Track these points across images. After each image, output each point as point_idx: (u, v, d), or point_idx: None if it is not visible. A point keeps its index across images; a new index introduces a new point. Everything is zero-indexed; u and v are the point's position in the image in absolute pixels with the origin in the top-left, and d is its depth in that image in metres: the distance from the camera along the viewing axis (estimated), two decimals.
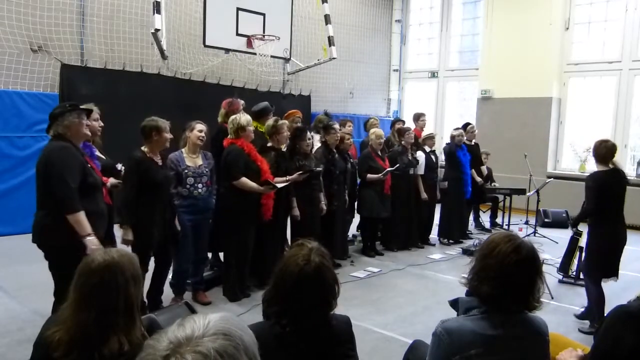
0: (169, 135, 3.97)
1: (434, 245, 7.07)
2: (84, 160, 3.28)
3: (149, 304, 4.01)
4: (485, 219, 8.49)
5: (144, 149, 3.90)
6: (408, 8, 12.58)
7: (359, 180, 6.35)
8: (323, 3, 8.93)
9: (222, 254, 5.10)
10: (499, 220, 8.40)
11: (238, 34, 7.93)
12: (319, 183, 5.44)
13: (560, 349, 2.14)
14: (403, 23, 12.53)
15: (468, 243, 7.01)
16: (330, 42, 8.86)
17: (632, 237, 8.21)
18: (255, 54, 8.10)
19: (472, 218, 8.11)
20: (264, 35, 8.08)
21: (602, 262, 4.17)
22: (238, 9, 7.87)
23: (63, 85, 7.17)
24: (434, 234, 7.31)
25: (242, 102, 5.36)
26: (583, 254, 4.77)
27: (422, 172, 6.79)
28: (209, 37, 7.66)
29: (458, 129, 7.38)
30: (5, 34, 6.66)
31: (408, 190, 6.62)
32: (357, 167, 6.28)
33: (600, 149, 4.16)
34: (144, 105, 7.22)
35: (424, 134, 7.27)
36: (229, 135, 4.60)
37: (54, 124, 3.20)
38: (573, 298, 4.96)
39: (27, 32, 6.85)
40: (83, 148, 3.45)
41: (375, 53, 12.05)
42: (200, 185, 4.38)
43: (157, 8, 6.83)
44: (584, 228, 4.54)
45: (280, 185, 4.70)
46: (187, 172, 4.31)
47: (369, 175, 6.14)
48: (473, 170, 7.43)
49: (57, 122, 3.20)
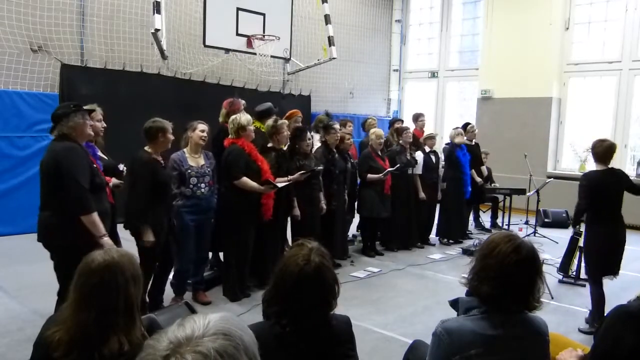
0: (172, 137, 3.98)
1: (434, 245, 7.07)
2: (90, 160, 3.31)
3: (150, 304, 4.02)
4: (485, 219, 8.49)
5: (149, 150, 3.90)
6: (408, 8, 12.58)
7: (359, 180, 6.35)
8: (323, 3, 8.93)
9: (222, 254, 5.10)
10: (499, 221, 8.40)
11: (238, 34, 7.92)
12: (319, 183, 5.43)
13: (560, 349, 2.14)
14: (403, 23, 12.53)
15: (468, 243, 7.01)
16: (330, 42, 8.86)
17: (632, 237, 8.23)
18: (255, 54, 8.09)
19: (472, 218, 8.11)
20: (264, 35, 8.07)
21: (598, 261, 4.19)
22: (238, 9, 7.86)
23: (63, 85, 7.17)
24: (434, 234, 7.30)
25: (243, 102, 5.36)
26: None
27: (420, 171, 6.80)
28: (209, 37, 7.66)
29: (457, 128, 7.39)
30: (5, 34, 6.66)
31: (407, 190, 6.62)
32: (357, 167, 6.28)
33: (598, 148, 4.19)
34: (144, 105, 7.23)
35: (425, 134, 7.27)
36: (230, 135, 4.61)
37: (59, 124, 3.20)
38: (573, 298, 4.96)
39: (27, 32, 6.85)
40: (86, 148, 3.47)
41: (375, 53, 12.04)
42: (203, 185, 4.38)
43: (157, 8, 6.83)
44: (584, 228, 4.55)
45: (281, 185, 4.71)
46: (190, 172, 4.31)
47: (369, 175, 6.14)
48: (473, 171, 7.43)
49: (61, 122, 3.19)
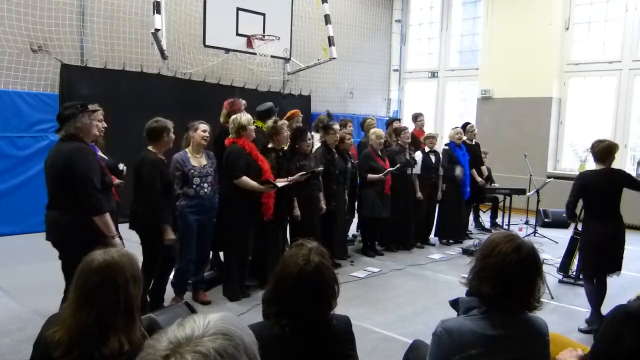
0: (173, 136, 4.02)
1: (434, 245, 7.07)
2: (98, 160, 3.38)
3: (151, 303, 4.02)
4: (485, 219, 8.49)
5: (153, 150, 3.91)
6: (408, 8, 12.58)
7: (359, 180, 6.34)
8: (323, 3, 8.93)
9: (222, 253, 5.10)
10: (499, 220, 8.40)
11: (238, 34, 7.92)
12: (319, 183, 5.43)
13: (560, 349, 2.14)
14: (403, 23, 12.53)
15: (468, 243, 7.01)
16: (330, 42, 8.86)
17: (632, 237, 8.23)
18: (255, 54, 8.09)
19: (472, 218, 8.11)
20: (264, 35, 8.07)
21: (590, 258, 4.26)
22: (238, 9, 7.86)
23: (63, 85, 7.17)
24: (434, 234, 7.30)
25: (243, 102, 5.36)
26: None
27: (418, 171, 6.79)
28: (209, 37, 7.66)
29: (456, 128, 7.38)
30: (5, 34, 6.66)
31: (407, 190, 6.62)
32: (357, 167, 6.28)
33: (596, 148, 4.23)
34: (144, 105, 7.23)
35: (426, 134, 7.26)
36: (230, 135, 4.61)
37: (66, 124, 3.24)
38: (573, 298, 4.96)
39: (27, 32, 6.85)
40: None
41: (375, 53, 12.04)
42: (206, 185, 4.39)
43: (157, 8, 6.83)
44: None
45: (281, 185, 4.71)
46: (193, 172, 4.31)
47: (370, 175, 6.14)
48: (473, 170, 7.42)
49: (69, 122, 3.23)
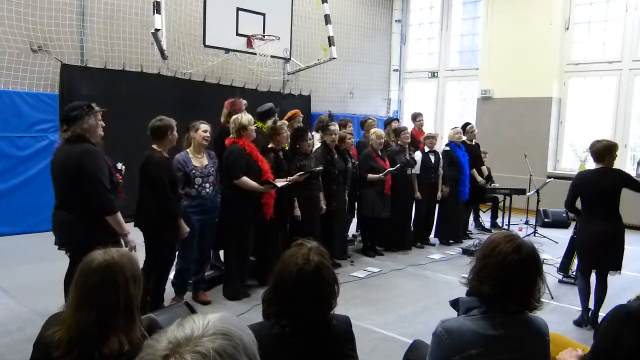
0: (177, 135, 4.05)
1: (434, 245, 7.07)
2: (106, 160, 3.41)
3: (151, 303, 4.01)
4: (485, 219, 8.49)
5: (158, 149, 3.92)
6: (408, 8, 12.58)
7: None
8: (323, 3, 8.93)
9: (222, 253, 5.10)
10: (499, 221, 8.40)
11: (238, 34, 7.92)
12: (319, 183, 5.43)
13: (560, 349, 2.14)
14: (403, 23, 12.53)
15: (468, 243, 7.01)
16: (330, 42, 8.86)
17: (631, 237, 8.23)
18: (255, 54, 8.08)
19: (472, 218, 8.11)
20: (264, 35, 8.07)
21: (584, 256, 4.39)
22: (238, 9, 7.86)
23: (63, 85, 7.17)
24: (434, 235, 7.29)
25: (244, 102, 5.37)
26: None
27: (417, 171, 6.79)
28: (209, 37, 7.65)
29: (456, 128, 7.37)
30: (5, 34, 6.66)
31: (406, 190, 6.61)
32: (357, 167, 6.27)
33: (594, 148, 4.28)
34: (144, 105, 7.23)
35: (426, 134, 7.24)
36: (231, 135, 4.61)
37: (73, 125, 3.28)
38: (573, 298, 4.95)
39: (27, 32, 6.85)
40: None
41: (375, 53, 12.04)
42: (208, 185, 4.40)
43: (157, 8, 6.82)
44: None
45: (280, 185, 4.71)
46: (194, 172, 4.32)
47: (370, 175, 6.13)
48: (474, 170, 7.42)
49: (75, 123, 3.27)
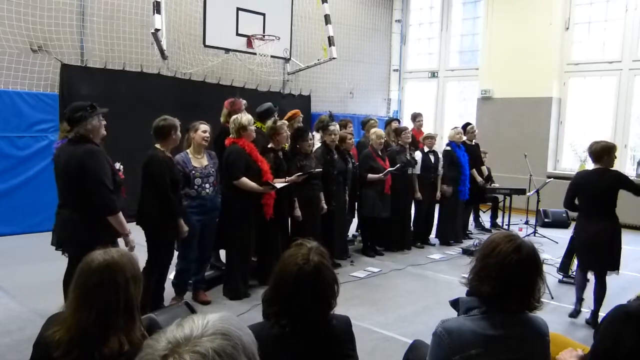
0: (180, 135, 4.07)
1: (434, 245, 7.07)
2: (108, 160, 3.43)
3: (151, 303, 4.00)
4: (485, 219, 8.49)
5: (161, 148, 3.94)
6: (408, 8, 12.58)
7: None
8: (323, 3, 8.93)
9: (222, 253, 5.10)
10: (499, 221, 8.39)
11: (238, 34, 7.92)
12: (319, 183, 5.44)
13: (560, 349, 2.14)
14: (403, 23, 12.53)
15: (468, 243, 7.01)
16: (330, 42, 8.86)
17: (631, 236, 8.23)
18: (255, 54, 8.09)
19: (472, 218, 8.11)
20: (264, 35, 8.07)
21: (581, 254, 4.49)
22: (238, 9, 7.86)
23: (63, 85, 7.17)
24: (434, 235, 7.29)
25: (244, 101, 5.37)
26: None
27: (418, 171, 6.79)
28: (209, 37, 7.65)
29: (456, 128, 7.37)
30: (5, 34, 6.66)
31: (406, 190, 6.61)
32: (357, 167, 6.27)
33: (592, 148, 4.34)
34: (144, 105, 7.25)
35: (425, 134, 7.25)
36: (231, 135, 4.61)
37: (76, 126, 3.31)
38: (573, 298, 4.95)
39: (27, 32, 6.85)
40: None
41: (375, 53, 12.04)
42: (208, 185, 4.40)
43: (157, 8, 6.82)
44: None
45: (280, 186, 4.70)
46: (194, 173, 4.32)
47: (370, 175, 6.13)
48: (474, 170, 7.41)
49: (79, 124, 3.30)
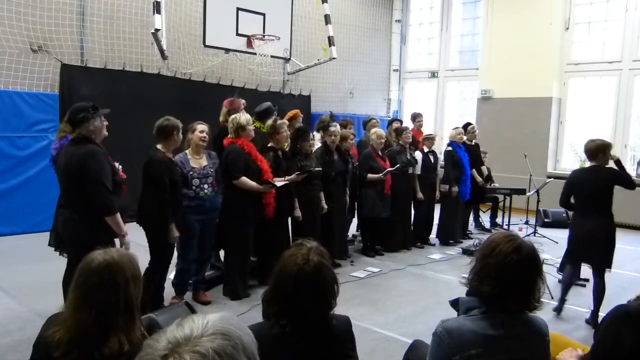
0: (181, 137, 4.09)
1: (434, 245, 7.06)
2: (109, 160, 3.44)
3: (151, 303, 4.00)
4: (485, 219, 8.49)
5: (162, 149, 3.94)
6: (408, 8, 12.58)
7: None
8: (323, 3, 8.93)
9: (222, 253, 5.09)
10: (499, 220, 8.39)
11: (238, 34, 7.92)
12: (319, 183, 5.44)
13: (560, 349, 2.14)
14: (403, 23, 12.53)
15: (468, 243, 7.01)
16: (330, 42, 8.86)
17: (631, 236, 8.23)
18: (255, 54, 8.09)
19: (472, 218, 8.11)
20: (264, 35, 8.07)
21: (572, 249, 4.49)
22: (238, 9, 7.86)
23: (63, 85, 7.16)
24: (434, 235, 7.29)
25: (243, 101, 5.37)
26: None
27: (419, 172, 6.79)
28: (209, 37, 7.65)
29: (457, 128, 7.37)
30: (5, 34, 6.66)
31: (407, 190, 6.61)
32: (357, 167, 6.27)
33: (587, 147, 4.38)
34: (144, 105, 7.24)
35: (424, 135, 7.25)
36: (229, 135, 4.60)
37: (78, 127, 3.33)
38: (573, 298, 4.95)
39: (27, 32, 6.84)
40: None
41: (375, 53, 12.04)
42: (206, 186, 4.39)
43: (157, 8, 6.82)
44: None
45: (280, 185, 4.70)
46: (192, 173, 4.32)
47: (370, 175, 6.13)
48: (474, 170, 7.41)
49: (82, 126, 3.32)
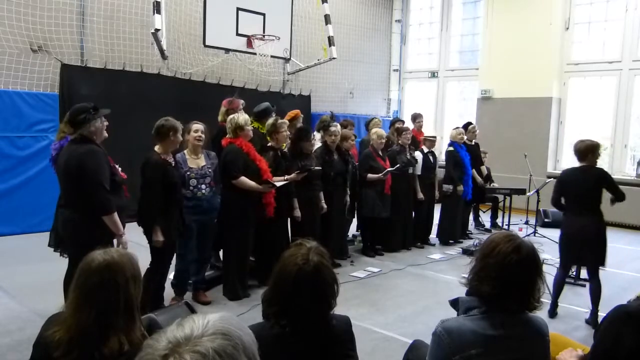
0: (181, 138, 4.06)
1: (434, 245, 7.06)
2: (108, 160, 3.44)
3: (151, 303, 4.00)
4: (485, 219, 8.49)
5: (159, 151, 3.94)
6: (408, 8, 12.58)
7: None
8: (323, 3, 8.93)
9: (222, 253, 5.09)
10: (499, 220, 8.39)
11: (238, 34, 7.93)
12: (319, 183, 5.43)
13: (560, 349, 2.14)
14: (403, 23, 12.53)
15: (468, 243, 7.01)
16: (330, 42, 8.86)
17: (631, 236, 8.22)
18: (255, 54, 8.09)
19: (472, 218, 8.11)
20: (264, 35, 8.08)
21: (566, 249, 4.48)
22: (238, 9, 7.86)
23: (63, 85, 7.16)
24: (434, 235, 7.29)
25: (242, 101, 5.37)
26: None
27: (419, 172, 6.78)
28: (209, 37, 7.66)
29: (457, 128, 7.36)
30: (5, 34, 6.66)
31: (407, 190, 6.61)
32: (357, 167, 6.27)
33: (576, 147, 4.41)
34: (144, 105, 7.24)
35: (426, 135, 7.22)
36: (227, 135, 4.60)
37: (80, 128, 3.34)
38: (573, 298, 4.96)
39: (27, 32, 6.85)
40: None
41: (375, 53, 12.04)
42: (204, 186, 4.38)
43: (157, 8, 6.83)
44: None
45: (279, 184, 4.70)
46: (189, 173, 4.31)
47: (369, 175, 6.13)
48: (473, 170, 7.41)
49: (83, 126, 3.33)
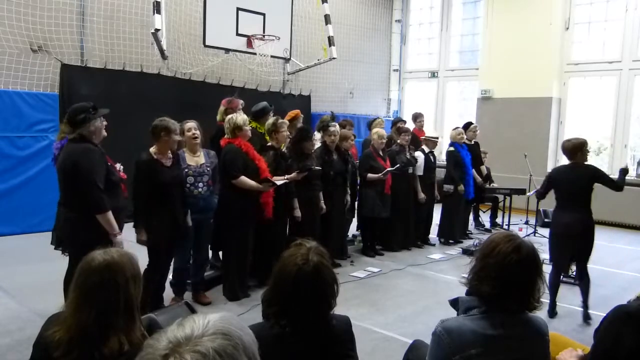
0: (178, 137, 4.04)
1: (434, 245, 7.06)
2: (106, 159, 3.44)
3: (151, 303, 4.01)
4: (485, 219, 8.49)
5: (152, 150, 3.95)
6: (408, 8, 12.58)
7: (359, 180, 6.33)
8: (323, 3, 8.93)
9: (221, 253, 5.09)
10: (499, 220, 8.39)
11: (238, 34, 7.93)
12: (319, 183, 5.43)
13: (560, 349, 2.14)
14: (403, 23, 12.53)
15: (468, 243, 7.01)
16: (330, 42, 8.86)
17: (631, 236, 8.22)
18: (255, 54, 8.10)
19: (472, 218, 8.11)
20: (264, 35, 8.08)
21: (557, 245, 4.46)
22: (238, 9, 7.87)
23: (63, 85, 7.17)
24: (434, 234, 7.29)
25: (241, 101, 5.37)
26: None
27: (420, 172, 6.77)
28: (209, 37, 7.66)
29: (457, 128, 7.36)
30: (5, 34, 6.66)
31: (407, 190, 6.61)
32: (356, 167, 6.26)
33: (564, 145, 4.46)
34: (144, 105, 7.24)
35: (429, 136, 7.20)
36: (226, 135, 4.60)
37: (79, 128, 3.34)
38: (573, 298, 4.95)
39: (27, 32, 6.85)
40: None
41: (375, 53, 12.05)
42: (201, 185, 4.37)
43: (157, 8, 6.83)
44: None
45: (279, 183, 4.70)
46: (187, 171, 4.30)
47: (369, 175, 6.13)
48: (473, 170, 7.40)
49: (82, 126, 3.33)
